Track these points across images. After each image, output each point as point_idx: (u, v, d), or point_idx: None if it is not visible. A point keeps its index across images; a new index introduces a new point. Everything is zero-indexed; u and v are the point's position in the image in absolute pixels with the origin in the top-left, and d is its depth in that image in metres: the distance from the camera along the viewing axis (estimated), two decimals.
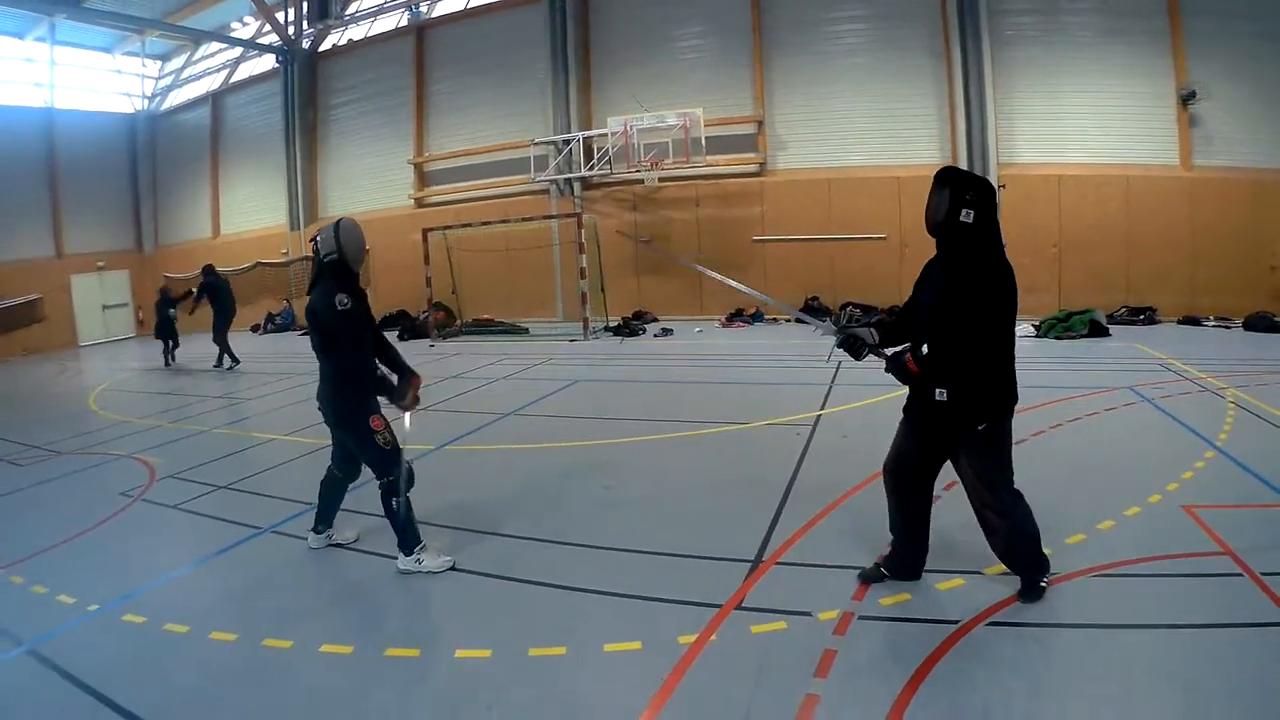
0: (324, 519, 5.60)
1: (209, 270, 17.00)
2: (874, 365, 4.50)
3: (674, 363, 13.52)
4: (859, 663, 3.67)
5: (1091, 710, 3.25)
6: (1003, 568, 4.34)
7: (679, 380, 11.96)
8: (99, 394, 14.40)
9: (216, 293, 16.56)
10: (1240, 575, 4.27)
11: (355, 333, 4.98)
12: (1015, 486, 4.19)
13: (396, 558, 5.13)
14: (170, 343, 17.50)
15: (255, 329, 24.19)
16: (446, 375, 13.21)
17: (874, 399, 9.27)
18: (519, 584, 4.83)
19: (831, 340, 4.47)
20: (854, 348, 4.36)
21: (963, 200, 3.90)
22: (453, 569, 5.05)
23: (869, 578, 4.48)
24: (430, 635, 4.34)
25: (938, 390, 3.99)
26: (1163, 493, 5.63)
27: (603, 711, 3.49)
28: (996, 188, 15.78)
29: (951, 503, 4.91)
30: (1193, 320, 15.24)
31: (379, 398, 5.15)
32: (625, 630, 4.13)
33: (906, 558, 4.45)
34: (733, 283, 5.40)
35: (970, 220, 3.90)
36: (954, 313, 3.90)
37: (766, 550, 5.05)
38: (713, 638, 3.97)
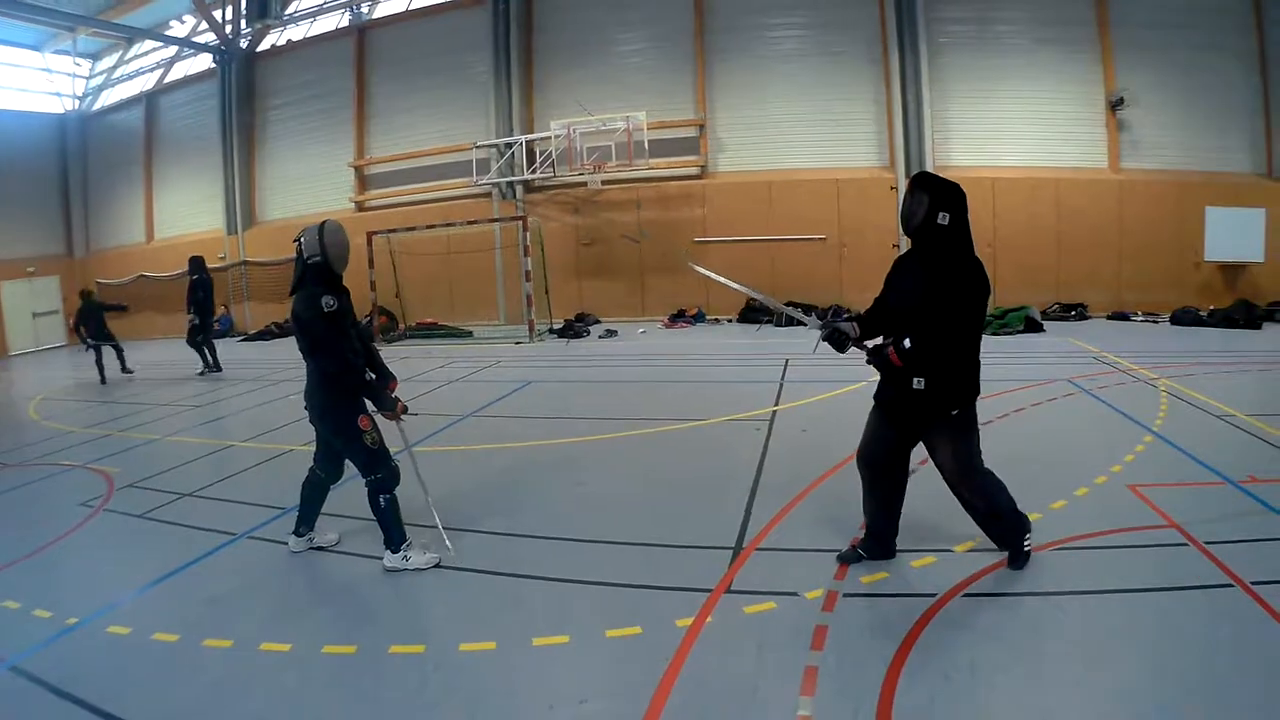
0: (306, 521, 5.54)
1: (198, 265, 15.69)
2: (822, 361, 4.63)
3: (623, 363, 13.59)
4: (850, 635, 3.90)
5: (1064, 666, 3.52)
6: (972, 544, 4.71)
7: (631, 380, 12.02)
8: (38, 403, 13.97)
9: (205, 290, 15.50)
10: (1186, 545, 4.64)
11: (341, 333, 4.96)
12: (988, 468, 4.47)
13: (382, 556, 5.12)
14: (100, 351, 15.90)
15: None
16: (398, 378, 13.09)
17: (825, 395, 9.55)
18: (507, 578, 4.89)
19: (817, 335, 4.63)
20: (838, 341, 4.52)
21: (940, 203, 4.15)
22: (438, 565, 5.07)
23: (848, 559, 4.68)
24: (431, 631, 4.36)
25: (915, 380, 4.21)
26: (1108, 474, 6.00)
27: (618, 691, 3.59)
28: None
29: (920, 484, 5.13)
30: (1122, 315, 15.81)
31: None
32: (623, 617, 4.23)
33: (881, 538, 4.68)
34: (751, 291, 5.56)
35: (946, 222, 4.16)
36: (937, 308, 4.09)
37: (745, 537, 5.22)
38: (709, 619, 4.14)
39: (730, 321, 18.08)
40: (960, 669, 3.51)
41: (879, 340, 4.38)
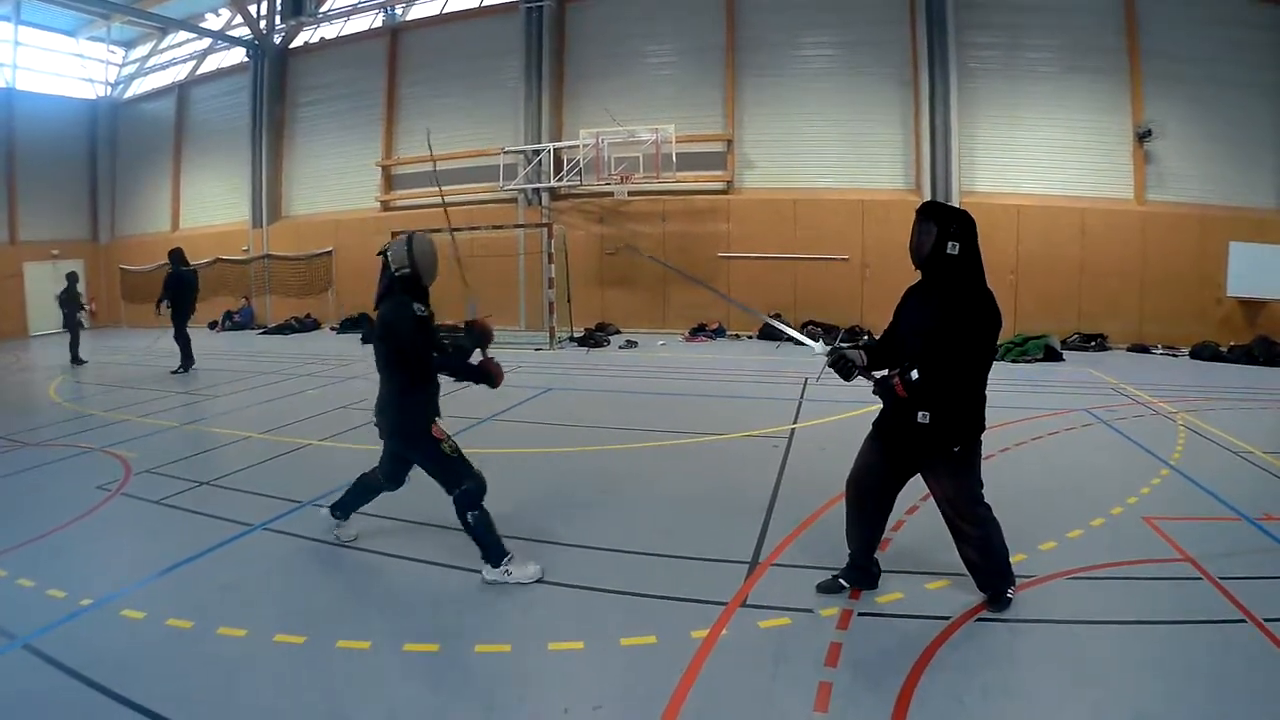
0: (344, 508, 5.61)
1: (178, 256, 15.20)
2: (841, 384, 4.69)
3: (642, 374, 13.58)
4: (864, 654, 3.93)
5: (1076, 693, 3.56)
6: None
7: (651, 391, 12.01)
8: (58, 385, 14.13)
9: (184, 285, 14.89)
10: (1199, 579, 4.68)
11: (426, 343, 4.98)
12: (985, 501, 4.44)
13: (480, 570, 4.98)
14: (75, 337, 16.66)
15: (213, 326, 23.79)
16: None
17: (844, 414, 9.53)
18: (522, 583, 4.90)
19: (823, 360, 4.54)
20: (844, 369, 4.42)
21: (948, 233, 4.09)
22: (540, 580, 4.95)
23: (828, 588, 4.64)
24: (446, 631, 4.35)
25: (920, 413, 4.15)
26: (1124, 505, 6.03)
27: (632, 698, 3.64)
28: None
29: (934, 511, 5.12)
30: (1142, 348, 15.76)
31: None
32: (638, 626, 4.27)
33: (865, 567, 4.66)
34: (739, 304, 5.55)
35: (956, 252, 4.09)
36: (948, 342, 4.04)
37: (761, 553, 5.27)
38: (724, 632, 4.18)
39: (751, 338, 18.12)
40: (973, 692, 3.55)
41: (886, 371, 4.33)
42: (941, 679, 3.64)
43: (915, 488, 4.53)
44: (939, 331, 4.07)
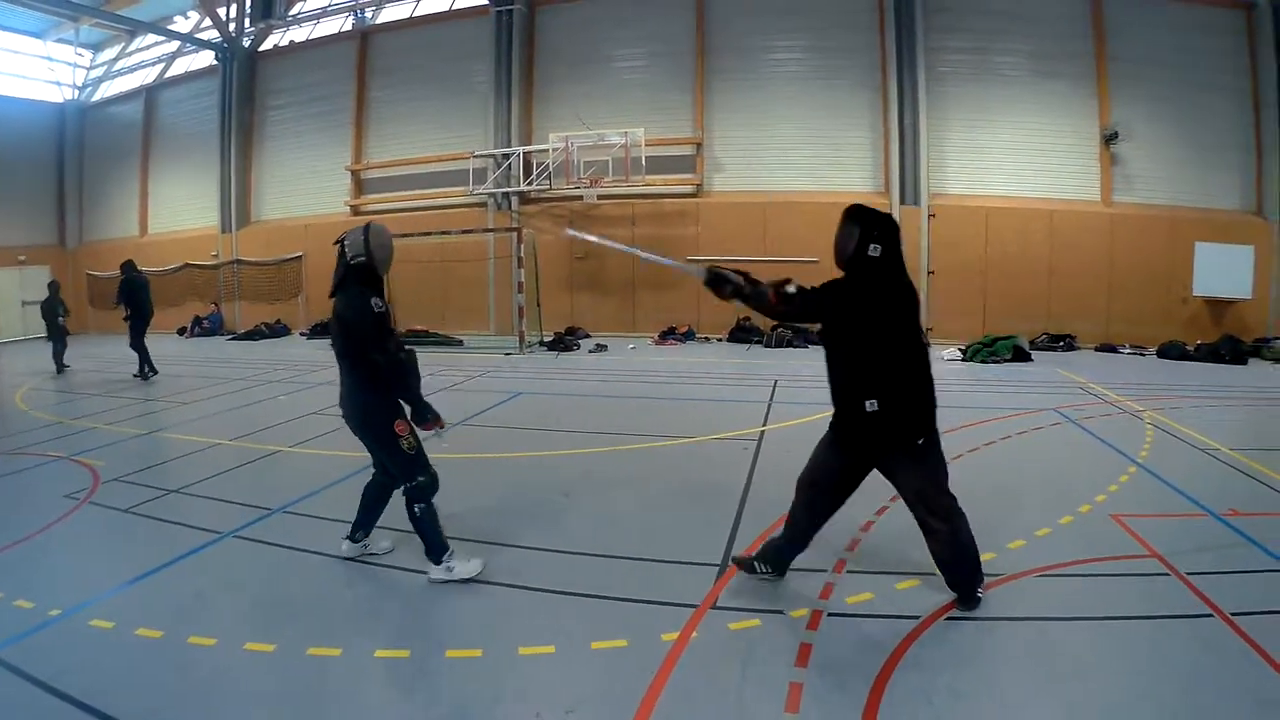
0: (363, 526, 5.47)
1: (129, 266, 15.21)
2: (810, 385, 4.69)
3: (613, 378, 13.55)
4: (834, 654, 3.94)
5: (1046, 691, 3.59)
6: None
7: (621, 395, 12.00)
8: (25, 393, 13.89)
9: (136, 291, 14.92)
10: (1167, 575, 4.73)
11: (385, 334, 4.88)
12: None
13: (429, 569, 5.01)
14: (60, 345, 16.38)
15: (181, 332, 23.52)
16: None
17: (813, 416, 9.44)
18: (491, 586, 4.89)
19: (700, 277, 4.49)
20: (717, 285, 4.39)
21: (871, 236, 4.20)
22: (478, 578, 4.98)
23: (743, 564, 4.82)
24: (417, 636, 4.36)
25: (867, 401, 4.19)
26: (1092, 503, 6.08)
27: (603, 702, 3.63)
28: (926, 217, 16.50)
29: (903, 509, 5.07)
30: (1109, 348, 15.92)
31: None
32: (608, 629, 4.27)
33: (787, 554, 4.73)
34: (655, 257, 5.50)
35: (878, 254, 4.19)
36: (867, 322, 4.17)
37: (732, 554, 5.24)
38: (694, 634, 4.18)
39: (720, 340, 18.16)
40: (942, 692, 3.55)
41: (762, 283, 4.29)
42: (911, 679, 3.66)
43: (884, 489, 4.50)
44: (860, 314, 4.19)
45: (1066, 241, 16.68)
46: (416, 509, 4.97)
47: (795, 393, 11.23)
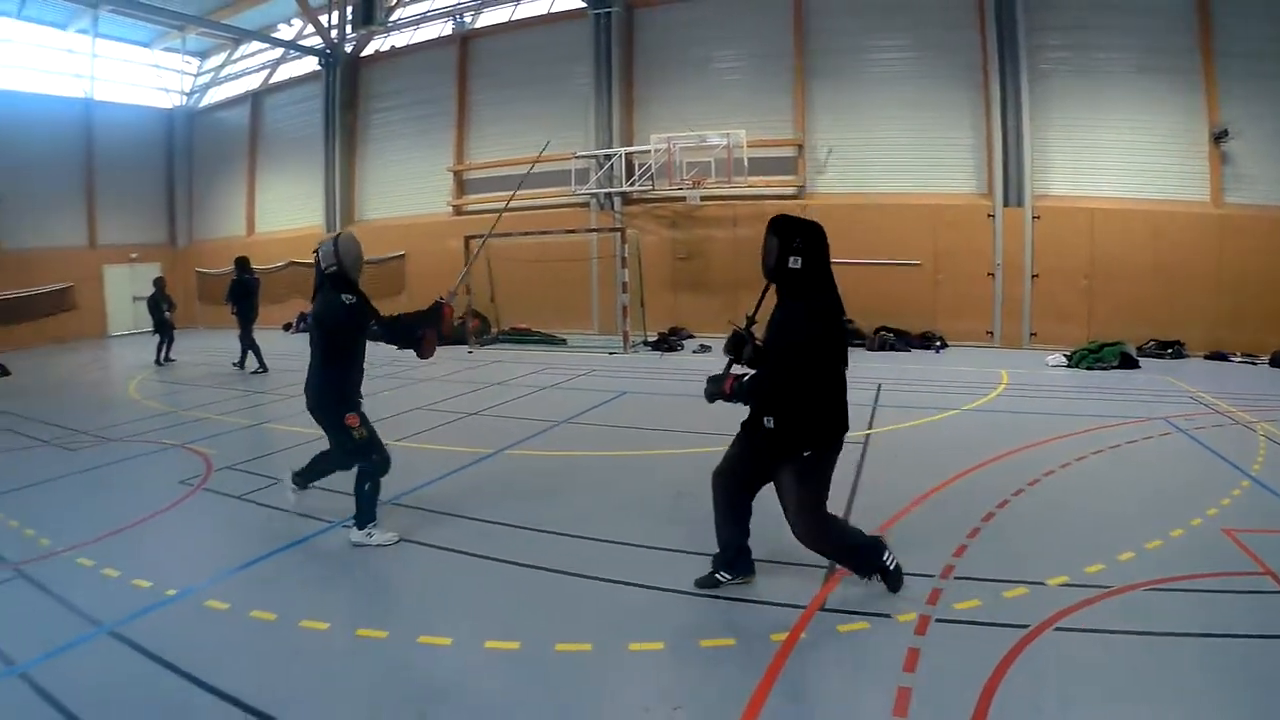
0: (306, 476, 6.22)
1: (242, 265, 16.12)
2: (916, 389, 4.84)
3: None
4: (942, 660, 3.93)
5: (1154, 707, 3.56)
6: (1065, 578, 4.80)
7: None
8: (138, 383, 14.63)
9: (247, 289, 15.81)
10: None
11: (356, 330, 5.57)
12: (830, 511, 4.61)
13: (350, 531, 5.72)
14: (166, 340, 17.44)
15: (287, 328, 24.42)
16: (491, 382, 13.54)
17: (920, 420, 9.67)
18: (602, 582, 5.04)
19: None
20: (734, 348, 4.55)
21: (790, 248, 4.21)
22: (400, 541, 5.67)
23: (706, 583, 4.84)
24: (527, 629, 4.41)
25: (766, 418, 4.32)
26: (1203, 517, 5.96)
27: (711, 699, 3.69)
28: (1030, 218, 16.39)
29: (1017, 517, 5.38)
30: (1219, 355, 15.55)
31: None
32: (717, 628, 4.37)
33: (738, 556, 4.81)
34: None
35: (798, 266, 4.20)
36: (779, 348, 4.21)
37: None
38: (802, 635, 4.23)
39: None
40: (1051, 702, 3.55)
41: (739, 369, 4.43)
42: (1020, 688, 3.64)
43: (990, 498, 4.61)
44: (775, 339, 4.24)
45: (1174, 244, 16.31)
46: (366, 485, 5.64)
47: (900, 396, 11.26)
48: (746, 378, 4.32)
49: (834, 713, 3.59)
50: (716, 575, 4.82)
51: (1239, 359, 15.29)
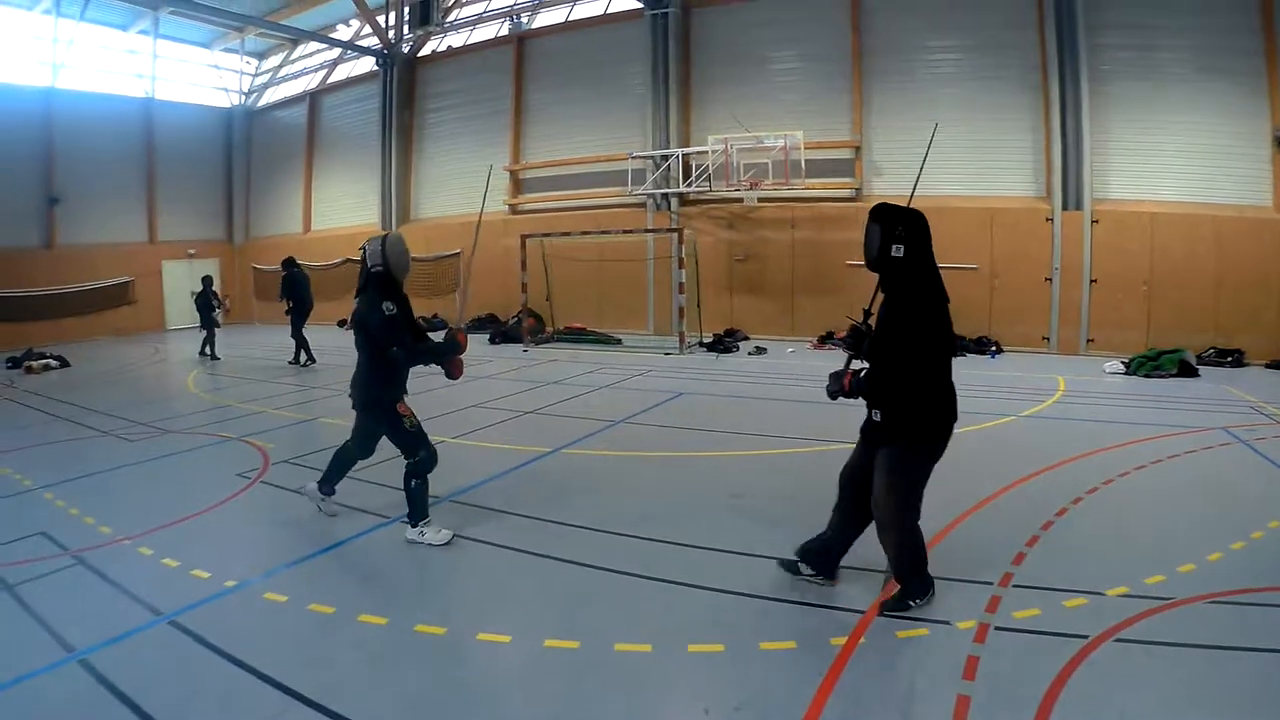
0: (329, 480, 6.29)
1: (289, 263, 16.70)
2: (975, 394, 4.86)
3: (773, 381, 13.71)
4: (1001, 669, 3.90)
5: None
6: (1125, 589, 4.75)
7: (780, 398, 12.19)
8: (195, 377, 15.03)
9: (296, 286, 16.24)
10: None
11: (398, 334, 5.65)
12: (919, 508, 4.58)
13: (405, 529, 5.81)
14: (210, 335, 18.03)
15: (342, 324, 24.72)
16: (547, 380, 13.70)
17: (981, 425, 9.50)
18: (662, 583, 5.06)
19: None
20: (856, 342, 4.67)
21: (893, 235, 4.20)
22: (450, 541, 5.71)
23: (786, 566, 4.98)
24: (585, 628, 4.45)
25: (874, 412, 4.42)
26: (1265, 529, 5.84)
27: (772, 701, 3.71)
28: (1089, 222, 16.33)
29: (1077, 526, 5.38)
30: None
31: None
32: (778, 631, 4.38)
33: (829, 557, 4.87)
34: None
35: (901, 254, 4.20)
36: (889, 342, 4.21)
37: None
38: (862, 640, 4.24)
39: None
40: (1112, 715, 3.50)
41: (859, 364, 4.47)
42: (1080, 699, 3.60)
43: (1050, 504, 4.62)
44: (885, 333, 4.24)
45: (1235, 250, 16.13)
46: (413, 482, 5.71)
47: (961, 402, 11.12)
48: (863, 373, 4.36)
49: (892, 718, 3.59)
50: (800, 564, 4.89)
51: None
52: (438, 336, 6.02)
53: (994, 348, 16.90)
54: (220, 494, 7.04)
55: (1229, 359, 15.55)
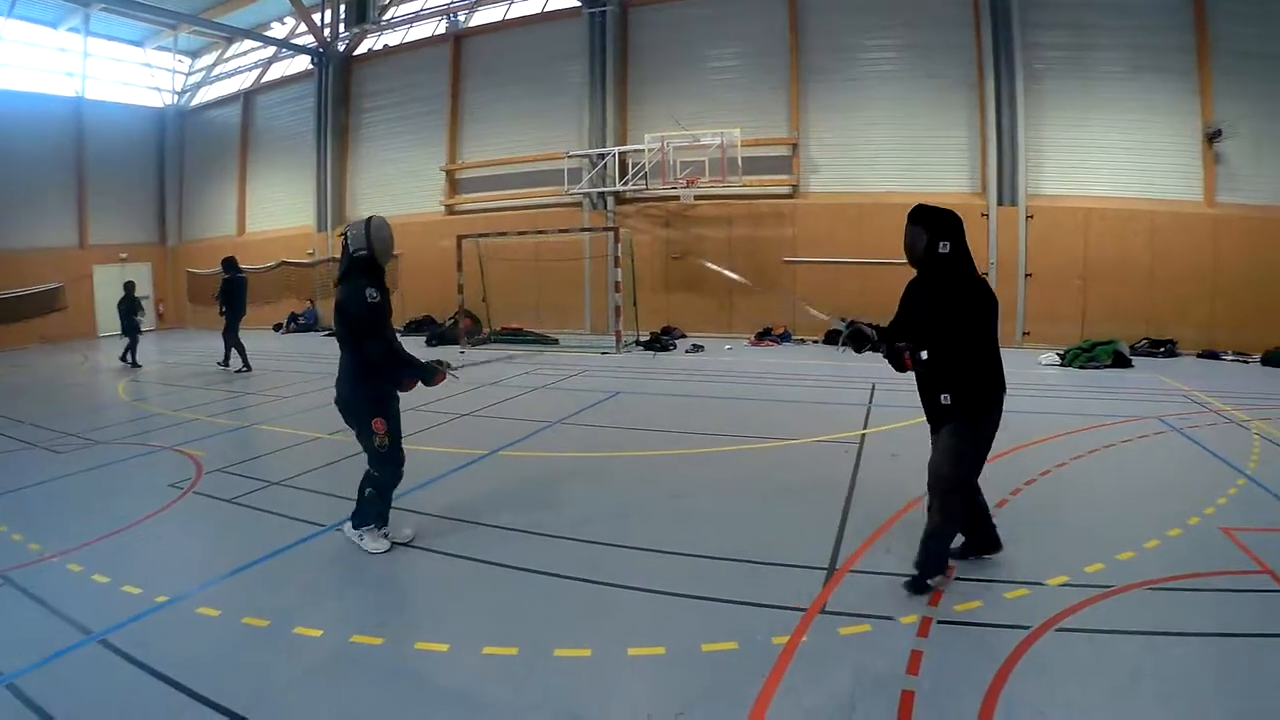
0: (381, 518, 5.73)
1: (230, 265, 15.97)
2: (911, 388, 4.88)
3: (710, 379, 13.58)
4: (946, 663, 3.91)
5: (1158, 707, 3.55)
6: (1065, 578, 4.81)
7: (719, 396, 12.12)
8: (127, 385, 14.52)
9: (235, 289, 15.65)
10: None
11: (381, 325, 5.26)
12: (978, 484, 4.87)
13: (345, 525, 5.66)
14: (133, 342, 17.31)
15: (278, 328, 24.41)
16: (484, 382, 13.40)
17: (915, 420, 9.36)
18: (603, 586, 4.98)
19: (843, 331, 5.06)
20: (858, 341, 4.94)
21: (939, 233, 4.55)
22: (389, 550, 5.50)
23: (958, 554, 5.02)
24: (526, 635, 4.34)
25: (943, 396, 4.58)
26: (1201, 516, 5.95)
27: (714, 704, 3.65)
28: (1024, 218, 16.41)
29: (1014, 514, 5.37)
30: (1212, 354, 15.60)
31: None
32: (719, 631, 4.30)
33: (986, 533, 5.05)
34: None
35: (947, 250, 4.55)
36: (953, 329, 4.47)
37: (839, 558, 5.28)
38: (804, 638, 4.19)
39: (816, 342, 18.14)
40: (1056, 705, 3.52)
41: (900, 345, 4.67)
42: (1024, 691, 3.63)
43: (995, 491, 4.77)
44: (946, 320, 4.49)
45: (1167, 244, 16.37)
46: (368, 491, 5.45)
47: (895, 396, 11.14)
48: (923, 354, 4.53)
49: (837, 716, 3.53)
50: (924, 580, 4.77)
51: (1231, 358, 15.32)
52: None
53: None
54: (152, 506, 6.79)
55: (1162, 349, 15.80)
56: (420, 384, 5.47)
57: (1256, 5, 16.25)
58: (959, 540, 4.97)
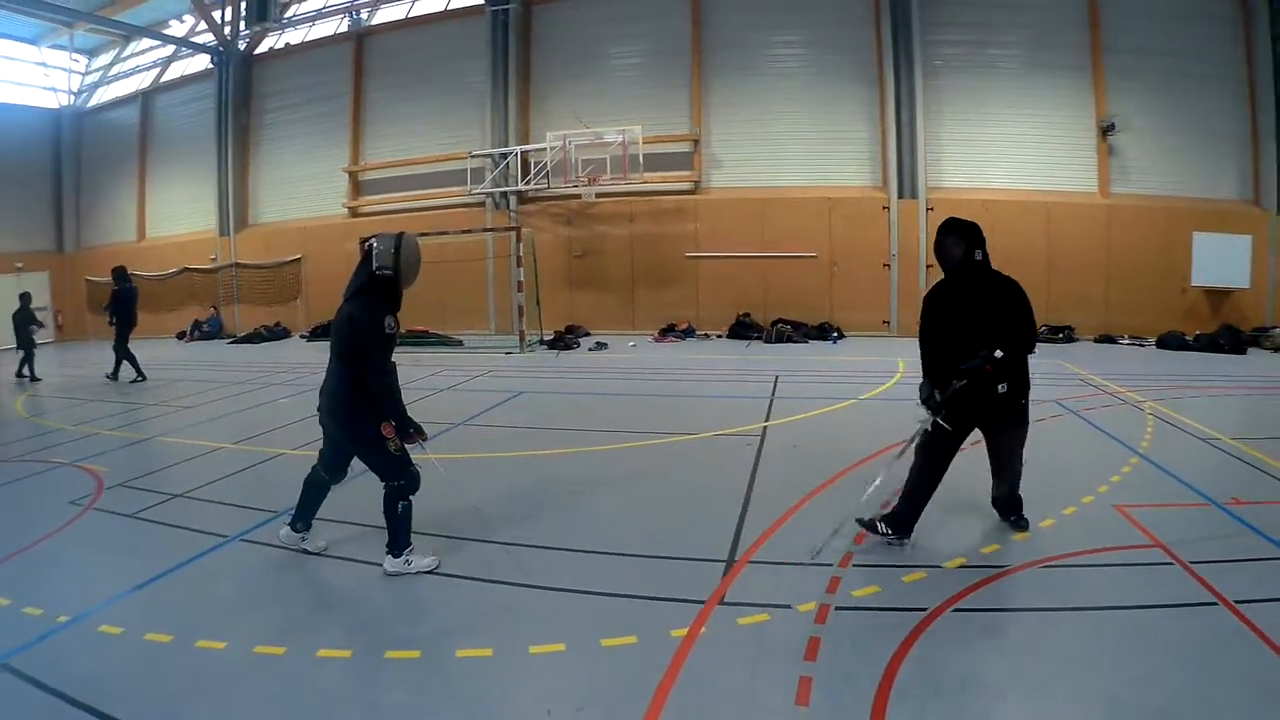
0: (304, 518, 5.45)
1: (120, 275, 15.48)
2: (811, 380, 4.80)
3: (614, 376, 13.53)
4: (843, 648, 3.95)
5: (1053, 681, 3.62)
6: (962, 560, 4.95)
7: (622, 393, 12.01)
8: (25, 399, 13.92)
9: (124, 300, 15.16)
10: (1171, 564, 4.78)
11: (387, 357, 4.86)
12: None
13: (383, 561, 5.07)
14: (29, 356, 16.40)
15: (181, 336, 23.62)
16: None
17: (816, 411, 9.66)
18: (502, 586, 4.90)
19: (927, 418, 5.13)
20: (936, 408, 5.08)
21: (975, 243, 5.01)
22: (435, 571, 5.05)
23: (866, 525, 5.27)
24: (427, 637, 4.32)
25: (1000, 385, 4.93)
26: (1095, 494, 6.14)
27: (614, 699, 3.64)
28: (924, 210, 16.53)
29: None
30: (1108, 339, 16.02)
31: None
32: (617, 626, 4.27)
33: (910, 520, 5.21)
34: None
35: (982, 258, 5.02)
36: (1017, 323, 4.98)
37: (738, 550, 5.27)
38: (703, 630, 4.19)
39: (720, 337, 18.13)
40: (952, 683, 3.57)
41: (971, 362, 4.90)
42: (921, 670, 3.68)
43: (894, 477, 4.94)
44: (1009, 317, 4.98)
45: (1064, 233, 16.73)
46: (400, 506, 4.98)
47: (797, 388, 11.25)
48: (998, 354, 4.84)
49: (737, 705, 3.54)
50: (879, 524, 5.22)
51: (1127, 342, 15.75)
52: None
53: (835, 334, 17.00)
54: (52, 524, 6.48)
55: (1060, 335, 16.18)
56: (392, 432, 4.97)
57: (1146, 3, 16.66)
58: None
